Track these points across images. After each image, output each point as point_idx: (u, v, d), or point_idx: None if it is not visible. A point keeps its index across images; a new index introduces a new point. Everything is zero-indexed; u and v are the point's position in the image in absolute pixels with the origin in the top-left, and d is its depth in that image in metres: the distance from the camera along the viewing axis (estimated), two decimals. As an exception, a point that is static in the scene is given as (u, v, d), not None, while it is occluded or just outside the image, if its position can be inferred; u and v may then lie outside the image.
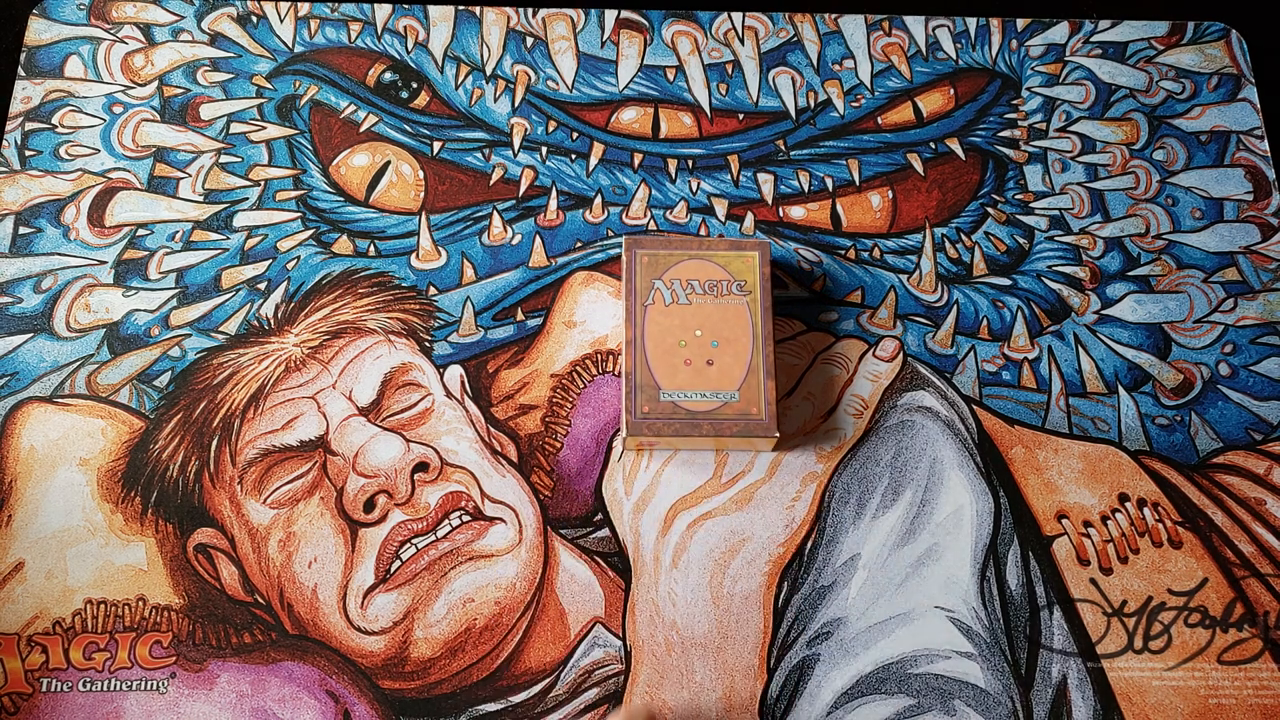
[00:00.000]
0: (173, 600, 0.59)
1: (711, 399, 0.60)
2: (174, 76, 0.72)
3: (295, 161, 0.70)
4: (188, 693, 0.58)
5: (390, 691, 0.58)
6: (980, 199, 0.71)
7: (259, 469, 0.62)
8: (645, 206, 0.70)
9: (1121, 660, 0.60)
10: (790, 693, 0.58)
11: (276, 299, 0.66)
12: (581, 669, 0.59)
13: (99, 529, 0.61)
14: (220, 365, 0.64)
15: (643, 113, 0.73)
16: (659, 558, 0.61)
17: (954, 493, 0.62)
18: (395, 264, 0.68)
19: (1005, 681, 0.59)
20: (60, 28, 0.73)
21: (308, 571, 0.60)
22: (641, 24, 0.75)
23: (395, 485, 0.61)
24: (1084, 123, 0.74)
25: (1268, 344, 0.67)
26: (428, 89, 0.72)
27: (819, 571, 0.61)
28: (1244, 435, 0.65)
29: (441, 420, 0.63)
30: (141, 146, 0.70)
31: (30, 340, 0.65)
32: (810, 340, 0.66)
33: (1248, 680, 0.59)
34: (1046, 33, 0.76)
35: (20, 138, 0.69)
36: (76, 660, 0.58)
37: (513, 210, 0.69)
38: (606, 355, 0.66)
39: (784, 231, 0.70)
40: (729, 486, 0.62)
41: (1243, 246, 0.70)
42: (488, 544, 0.61)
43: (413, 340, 0.66)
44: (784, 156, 0.72)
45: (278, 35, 0.73)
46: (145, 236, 0.68)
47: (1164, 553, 0.62)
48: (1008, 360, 0.67)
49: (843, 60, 0.74)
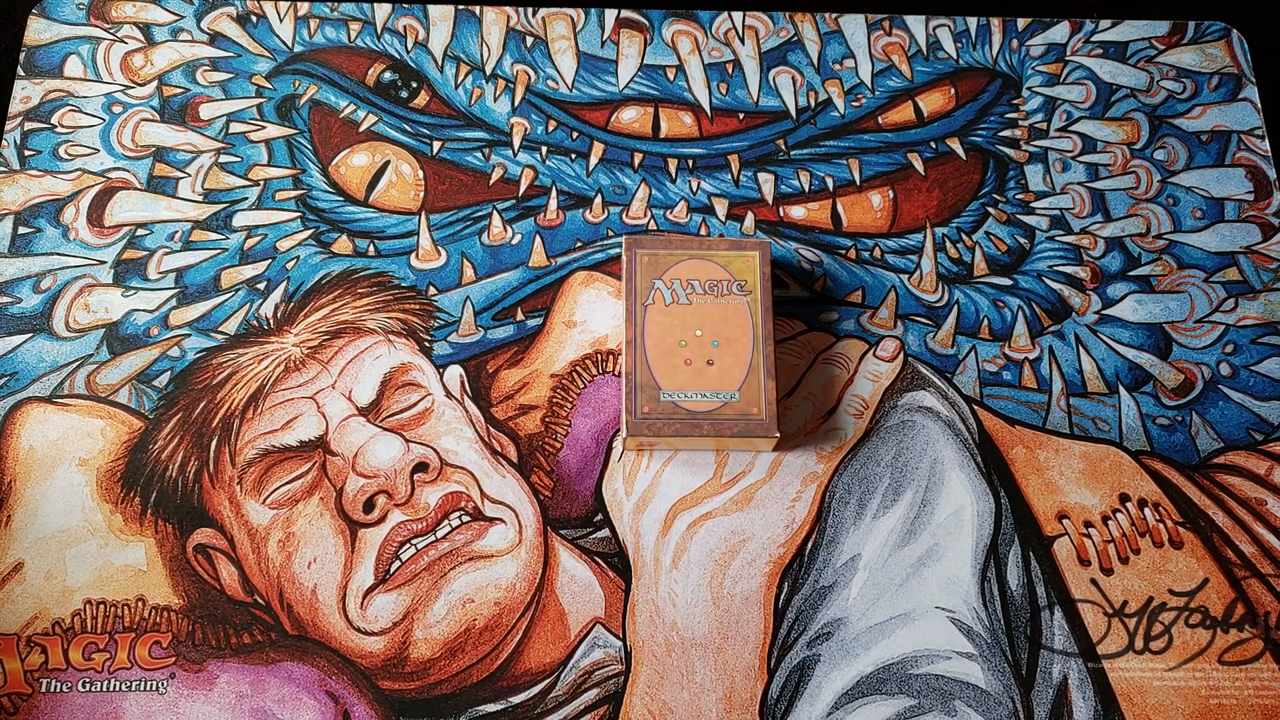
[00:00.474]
0: (172, 601, 0.59)
1: (712, 399, 0.60)
2: (173, 76, 0.72)
3: (295, 161, 0.70)
4: (187, 693, 0.57)
5: (390, 692, 0.58)
6: (981, 199, 0.71)
7: (258, 469, 0.61)
8: (645, 206, 0.70)
9: (1122, 661, 0.60)
10: (791, 693, 0.58)
11: (276, 299, 0.66)
12: (581, 669, 0.59)
13: (98, 529, 0.61)
14: (220, 365, 0.64)
15: (643, 112, 0.72)
16: (659, 558, 0.61)
17: (955, 493, 0.62)
18: (395, 264, 0.68)
19: (1006, 682, 0.59)
20: (60, 27, 0.73)
21: (307, 572, 0.60)
22: (641, 23, 0.75)
23: (395, 485, 0.61)
24: (1085, 122, 0.73)
25: (1268, 344, 0.67)
26: (427, 88, 0.72)
27: (819, 572, 0.61)
28: (1245, 435, 0.65)
29: (441, 420, 0.63)
30: (141, 146, 0.70)
31: (29, 340, 0.65)
32: (811, 340, 0.66)
33: (1249, 681, 0.59)
34: (1047, 32, 0.76)
35: (20, 137, 0.69)
36: (76, 661, 0.58)
37: (513, 210, 0.69)
38: (606, 355, 0.66)
39: (784, 231, 0.69)
40: (729, 487, 0.62)
41: (1244, 246, 0.70)
42: (487, 544, 0.60)
43: (412, 340, 0.66)
44: (784, 156, 0.71)
45: (277, 35, 0.73)
46: (145, 236, 0.68)
47: (1165, 553, 0.62)
48: (1008, 360, 0.67)
49: (843, 60, 0.74)
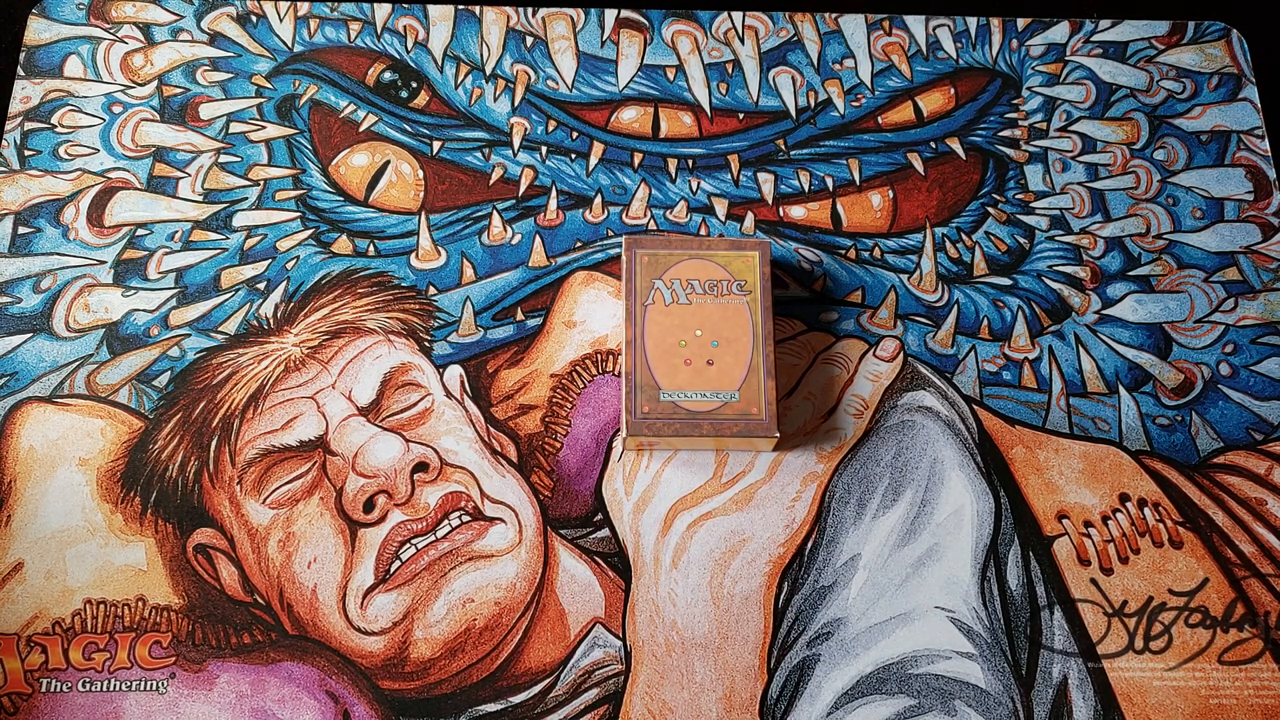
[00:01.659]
0: (172, 600, 0.59)
1: (712, 399, 0.60)
2: (173, 76, 0.72)
3: (295, 161, 0.70)
4: (187, 693, 0.57)
5: (390, 692, 0.58)
6: (981, 199, 0.71)
7: (258, 469, 0.61)
8: (645, 206, 0.70)
9: (1122, 660, 0.60)
10: (790, 693, 0.58)
11: (276, 299, 0.66)
12: (581, 669, 0.59)
13: (98, 529, 0.61)
14: (220, 365, 0.64)
15: (643, 112, 0.72)
16: (659, 558, 0.61)
17: (954, 493, 0.62)
18: (395, 264, 0.68)
19: (1006, 682, 0.59)
20: (60, 27, 0.73)
21: (307, 572, 0.60)
22: (641, 23, 0.75)
23: (395, 485, 0.61)
24: (1084, 122, 0.73)
25: (1268, 344, 0.67)
26: (427, 88, 0.72)
27: (819, 572, 0.61)
28: (1245, 435, 0.65)
29: (441, 420, 0.63)
30: (141, 146, 0.70)
31: (30, 340, 0.65)
32: (810, 340, 0.66)
33: (1248, 680, 0.59)
34: (1047, 32, 0.76)
35: (20, 137, 0.69)
36: (76, 660, 0.58)
37: (512, 210, 0.69)
38: (606, 355, 0.66)
39: (784, 231, 0.69)
40: (729, 487, 0.62)
41: (1243, 246, 0.70)
42: (487, 544, 0.60)
43: (412, 340, 0.66)
44: (784, 156, 0.71)
45: (277, 35, 0.73)
46: (144, 236, 0.68)
47: (1164, 553, 0.62)
48: (1008, 360, 0.67)
49: (843, 60, 0.74)
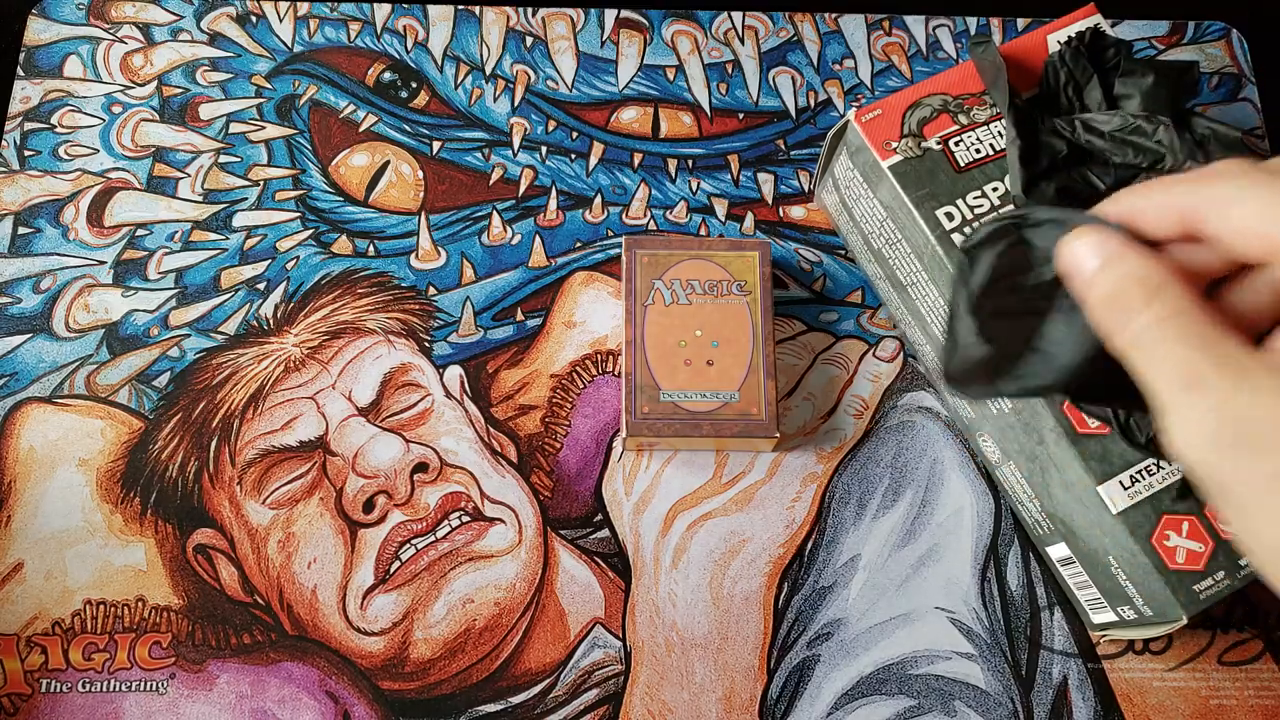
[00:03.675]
0: (172, 601, 0.59)
1: (711, 399, 0.60)
2: (173, 76, 0.72)
3: (294, 161, 0.70)
4: (187, 693, 0.57)
5: (390, 692, 0.58)
6: (981, 199, 0.71)
7: (258, 469, 0.61)
8: (645, 206, 0.70)
9: (1122, 661, 0.60)
10: (790, 694, 0.58)
11: (276, 299, 0.66)
12: (581, 670, 0.59)
13: (98, 529, 0.61)
14: (219, 366, 0.64)
15: (642, 112, 0.72)
16: (659, 558, 0.61)
17: (954, 493, 0.62)
18: (395, 264, 0.68)
19: (1005, 682, 0.59)
20: (59, 27, 0.73)
21: (307, 572, 0.60)
22: (641, 23, 0.75)
23: (395, 486, 0.61)
24: (1084, 122, 0.73)
25: (1268, 344, 0.67)
26: (427, 88, 0.72)
27: (819, 572, 0.61)
28: (1245, 435, 0.65)
29: (441, 421, 0.63)
30: (141, 146, 0.70)
31: (29, 340, 0.65)
32: (810, 340, 0.66)
33: (1249, 681, 0.59)
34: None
35: (19, 138, 0.69)
36: (76, 661, 0.58)
37: (512, 210, 0.69)
38: (606, 355, 0.66)
39: (784, 231, 0.69)
40: (729, 487, 0.62)
41: (1243, 246, 0.70)
42: (487, 545, 0.60)
43: (412, 340, 0.66)
44: (784, 156, 0.71)
45: (277, 35, 0.73)
46: (144, 236, 0.68)
47: (1165, 553, 0.62)
48: (1008, 360, 0.67)
49: (843, 60, 0.74)
